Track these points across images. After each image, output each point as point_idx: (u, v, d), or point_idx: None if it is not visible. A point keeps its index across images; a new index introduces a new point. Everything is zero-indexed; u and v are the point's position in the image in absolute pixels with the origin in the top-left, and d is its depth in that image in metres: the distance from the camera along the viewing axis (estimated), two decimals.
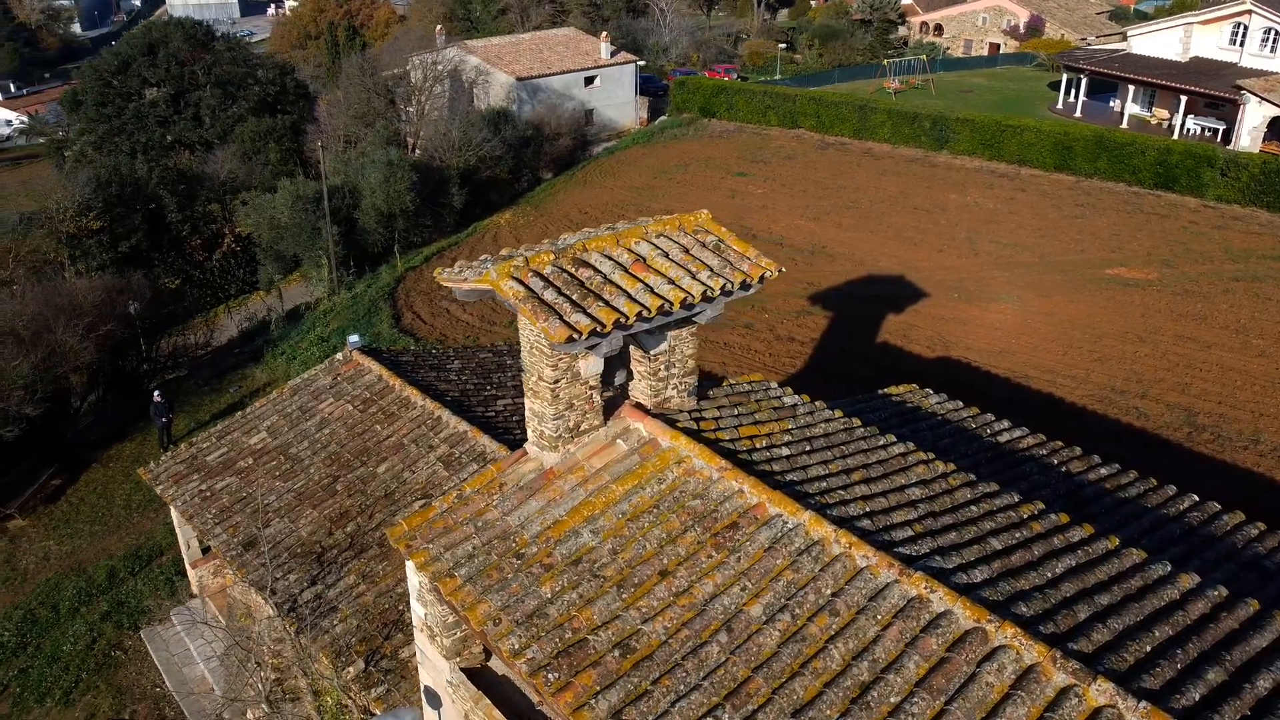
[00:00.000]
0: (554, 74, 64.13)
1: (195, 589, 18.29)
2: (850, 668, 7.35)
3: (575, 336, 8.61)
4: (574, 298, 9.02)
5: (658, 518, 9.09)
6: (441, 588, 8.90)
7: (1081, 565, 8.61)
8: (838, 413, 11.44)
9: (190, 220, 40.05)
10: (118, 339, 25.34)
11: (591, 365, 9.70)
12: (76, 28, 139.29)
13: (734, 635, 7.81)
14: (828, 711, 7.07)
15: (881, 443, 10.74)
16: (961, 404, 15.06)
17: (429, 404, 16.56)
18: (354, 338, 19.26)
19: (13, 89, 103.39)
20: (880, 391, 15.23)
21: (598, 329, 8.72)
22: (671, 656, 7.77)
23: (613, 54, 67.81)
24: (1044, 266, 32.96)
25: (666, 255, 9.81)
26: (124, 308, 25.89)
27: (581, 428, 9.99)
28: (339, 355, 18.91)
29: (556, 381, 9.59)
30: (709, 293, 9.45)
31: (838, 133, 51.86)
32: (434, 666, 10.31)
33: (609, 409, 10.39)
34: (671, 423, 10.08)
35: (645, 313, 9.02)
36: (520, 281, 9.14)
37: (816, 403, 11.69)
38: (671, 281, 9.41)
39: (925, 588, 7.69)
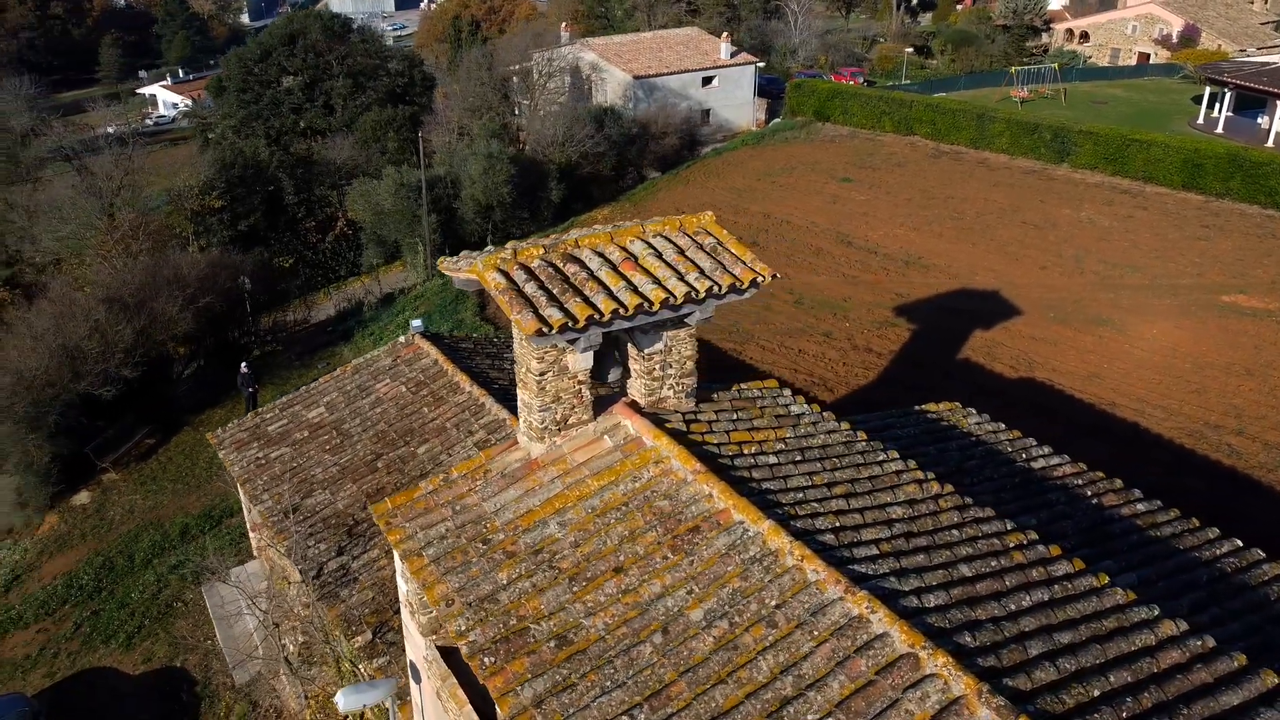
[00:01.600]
0: (671, 73, 64.31)
1: (255, 551, 19.31)
2: (775, 681, 7.23)
3: (545, 330, 8.72)
4: (554, 292, 9.14)
5: (624, 515, 9.13)
6: (408, 565, 9.18)
7: (1054, 600, 8.21)
8: (845, 425, 11.20)
9: (306, 203, 42.11)
10: (217, 311, 26.94)
11: (580, 360, 9.79)
12: (245, 18, 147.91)
13: (669, 637, 7.79)
14: None
15: (880, 459, 10.46)
16: (1002, 425, 14.51)
17: (475, 390, 16.96)
18: (417, 322, 19.90)
19: (180, 74, 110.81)
20: (917, 408, 14.79)
21: (570, 324, 8.81)
22: (605, 652, 7.81)
23: (733, 54, 67.47)
24: (1154, 289, 31.14)
25: (659, 255, 9.82)
26: (227, 282, 27.49)
27: (569, 421, 10.09)
28: (402, 338, 19.58)
29: (543, 374, 9.72)
30: (693, 294, 9.41)
31: (953, 141, 50.22)
32: (415, 642, 10.62)
33: (605, 405, 10.48)
34: (660, 423, 10.08)
35: (622, 310, 9.06)
36: (504, 274, 9.32)
37: (825, 414, 11.47)
38: (657, 281, 9.41)
39: (867, 607, 7.48)
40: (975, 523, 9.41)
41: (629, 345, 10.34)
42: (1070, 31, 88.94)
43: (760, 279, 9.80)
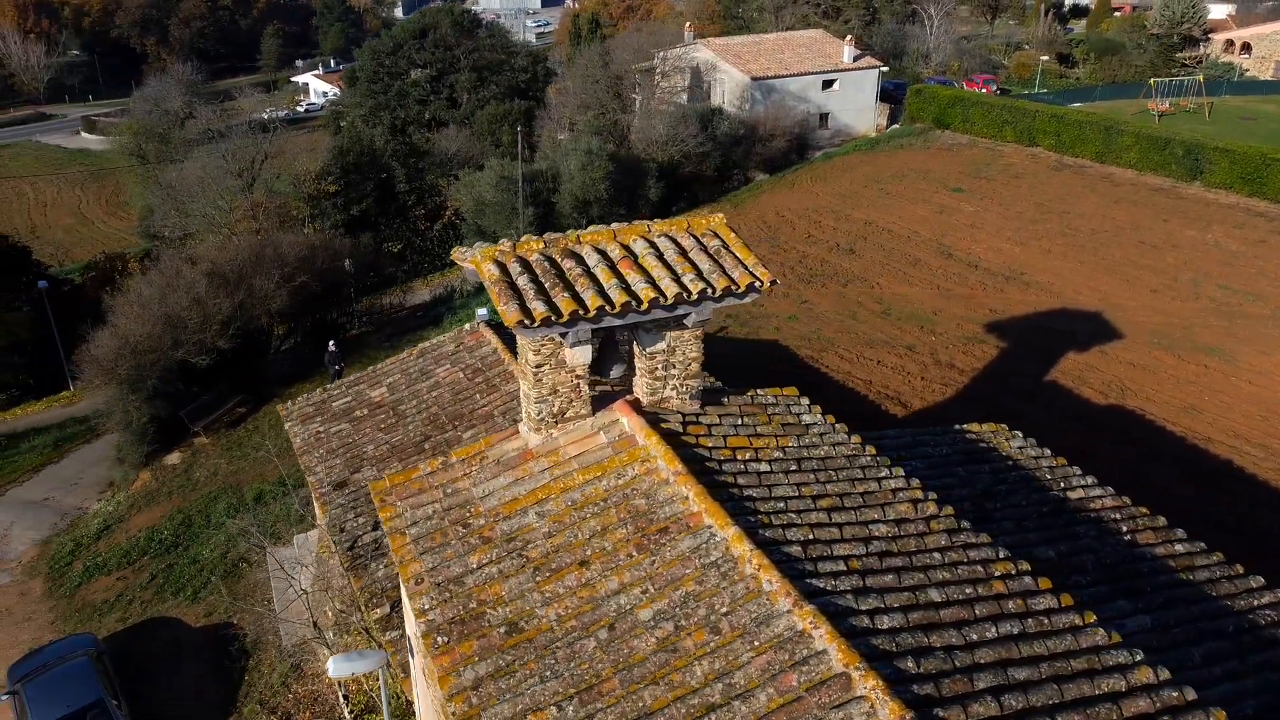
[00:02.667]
0: (790, 75, 63.50)
1: (317, 520, 20.21)
2: (705, 688, 7.19)
3: (527, 322, 8.87)
4: (545, 285, 9.28)
5: (601, 510, 9.19)
6: (391, 543, 9.49)
7: (1023, 634, 7.87)
8: (856, 439, 10.93)
9: (416, 191, 43.64)
10: (313, 291, 28.24)
11: (577, 354, 9.88)
12: (399, 11, 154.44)
13: (614, 634, 7.83)
14: None
15: (881, 475, 10.18)
16: (1047, 451, 13.88)
17: None
18: (483, 310, 20.42)
19: (332, 64, 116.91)
20: (957, 427, 14.29)
21: (553, 317, 8.93)
22: (552, 643, 7.91)
23: (855, 58, 66.20)
24: (1276, 319, 29.02)
25: (659, 255, 9.83)
26: (324, 263, 28.81)
27: (567, 414, 10.20)
28: (468, 325, 20.13)
29: (539, 366, 9.87)
30: (685, 295, 9.39)
31: (1077, 154, 47.96)
32: (409, 618, 10.95)
33: (608, 401, 10.55)
34: (656, 422, 10.08)
35: (609, 307, 9.12)
36: (500, 265, 9.52)
37: (838, 425, 11.21)
38: (650, 280, 9.43)
39: (811, 623, 7.34)
40: (964, 548, 9.07)
41: (635, 344, 10.39)
42: (1230, 42, 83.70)
43: (758, 284, 9.69)
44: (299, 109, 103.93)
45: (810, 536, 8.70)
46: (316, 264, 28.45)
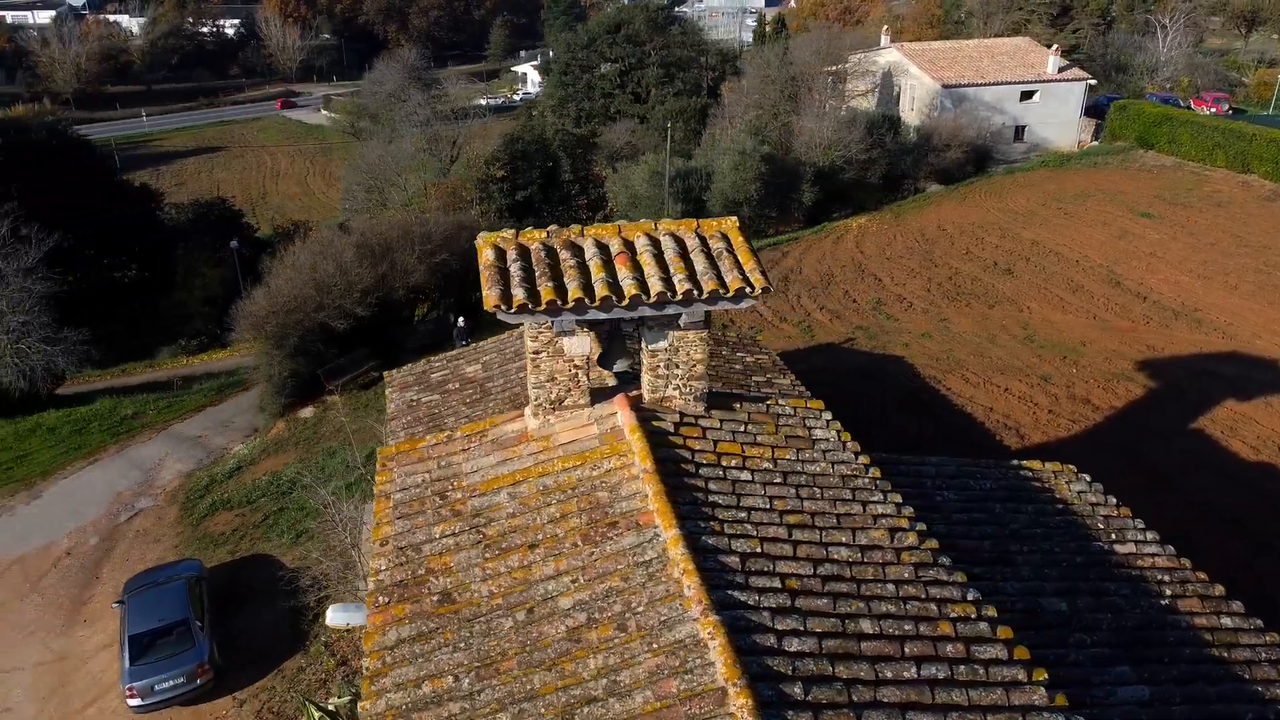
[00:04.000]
0: (985, 84, 60.66)
1: None
2: (591, 682, 7.27)
3: (503, 307, 9.17)
4: (535, 274, 9.53)
5: (566, 498, 9.37)
6: (376, 505, 10.05)
7: (947, 681, 7.47)
8: (864, 459, 10.55)
9: (580, 181, 44.90)
10: (453, 269, 29.67)
11: (575, 345, 10.10)
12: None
13: (531, 617, 8.02)
14: (541, 710, 7.12)
15: (872, 499, 9.81)
16: (1113, 499, 12.84)
17: None
18: None
19: (551, 55, 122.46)
20: (1015, 462, 13.43)
21: (529, 305, 9.17)
22: (475, 617, 8.19)
23: (1061, 69, 62.35)
24: None
25: (659, 253, 9.87)
26: (466, 243, 30.15)
27: (565, 402, 10.43)
28: None
29: (536, 353, 10.15)
30: (669, 294, 9.40)
31: None
32: None
33: (611, 394, 10.70)
34: (647, 419, 10.14)
35: (589, 300, 9.26)
36: (498, 250, 9.87)
37: (850, 444, 10.84)
38: (639, 278, 9.50)
39: (709, 634, 7.27)
40: (927, 584, 8.63)
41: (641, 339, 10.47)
42: None
43: (749, 289, 9.54)
44: (515, 98, 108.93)
45: (756, 550, 8.54)
46: (459, 244, 29.90)
